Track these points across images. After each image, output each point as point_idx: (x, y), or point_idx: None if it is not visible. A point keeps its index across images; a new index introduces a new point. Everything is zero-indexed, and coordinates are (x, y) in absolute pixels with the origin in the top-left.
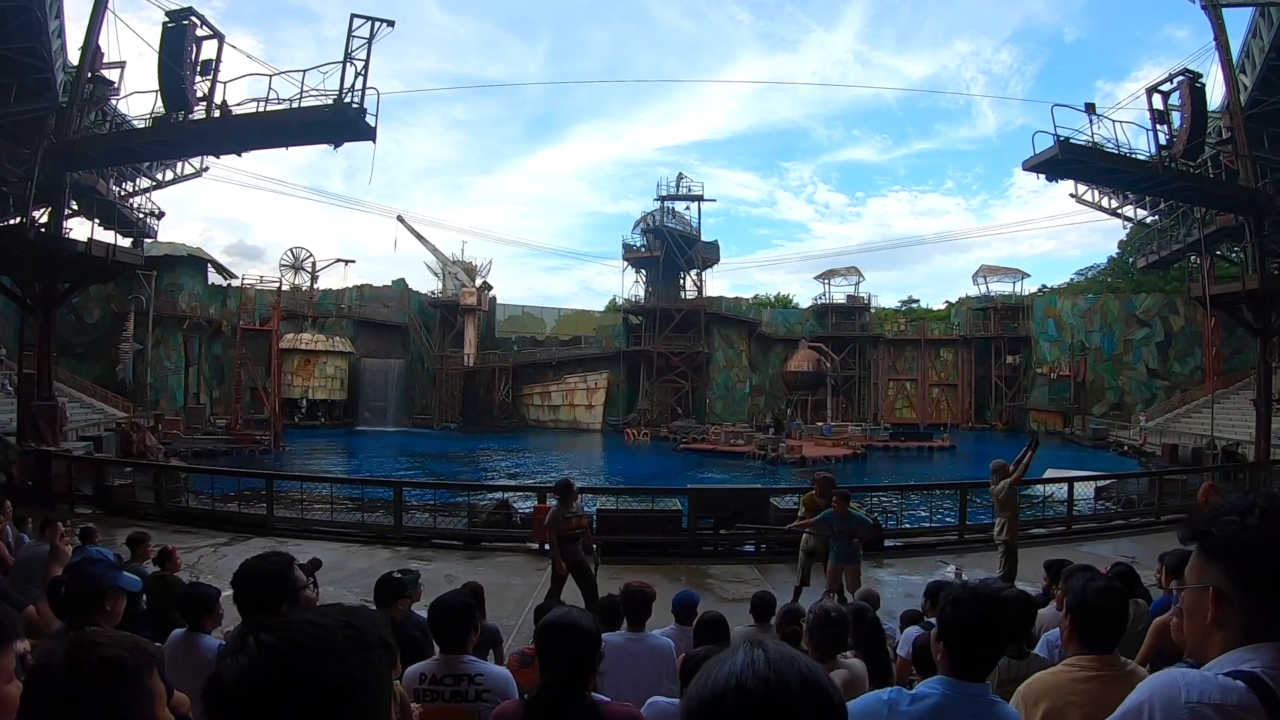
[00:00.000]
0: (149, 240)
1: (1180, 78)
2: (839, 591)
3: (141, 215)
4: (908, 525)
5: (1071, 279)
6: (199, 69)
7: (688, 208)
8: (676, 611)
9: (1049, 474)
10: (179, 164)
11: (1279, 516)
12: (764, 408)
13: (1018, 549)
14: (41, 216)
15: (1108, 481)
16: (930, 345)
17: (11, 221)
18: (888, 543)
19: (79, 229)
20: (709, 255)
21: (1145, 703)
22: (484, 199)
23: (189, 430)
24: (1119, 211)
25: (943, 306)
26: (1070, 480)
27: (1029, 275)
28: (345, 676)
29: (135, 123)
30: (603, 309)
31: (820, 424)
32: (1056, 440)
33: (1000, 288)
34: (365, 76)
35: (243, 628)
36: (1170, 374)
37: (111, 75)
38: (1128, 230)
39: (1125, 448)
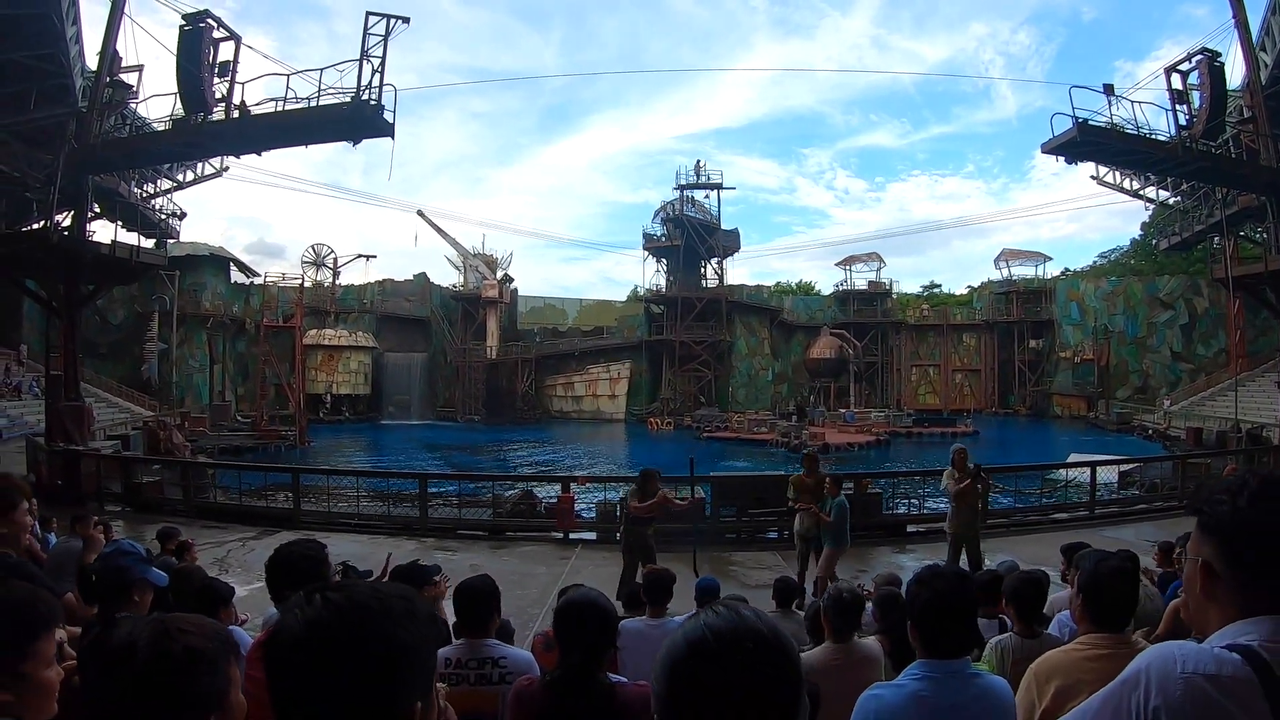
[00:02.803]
0: (171, 241)
1: (1199, 57)
2: (833, 577)
3: (163, 216)
4: (929, 511)
5: (1094, 262)
6: (217, 70)
7: (707, 196)
8: (699, 597)
9: (1072, 458)
10: (199, 165)
11: (1269, 498)
12: (786, 395)
13: (978, 538)
14: (64, 220)
15: (1131, 465)
16: (952, 330)
17: (35, 226)
18: (910, 529)
19: (102, 231)
20: (729, 243)
21: (1142, 671)
22: (502, 191)
23: (215, 427)
24: (1140, 193)
25: (964, 291)
26: (1093, 464)
27: (1051, 259)
28: (400, 640)
29: (155, 125)
30: (624, 299)
31: (843, 411)
32: (1080, 424)
33: (1022, 271)
34: (382, 73)
35: (308, 589)
36: (1194, 357)
37: (130, 79)
38: (1149, 212)
39: (1149, 431)
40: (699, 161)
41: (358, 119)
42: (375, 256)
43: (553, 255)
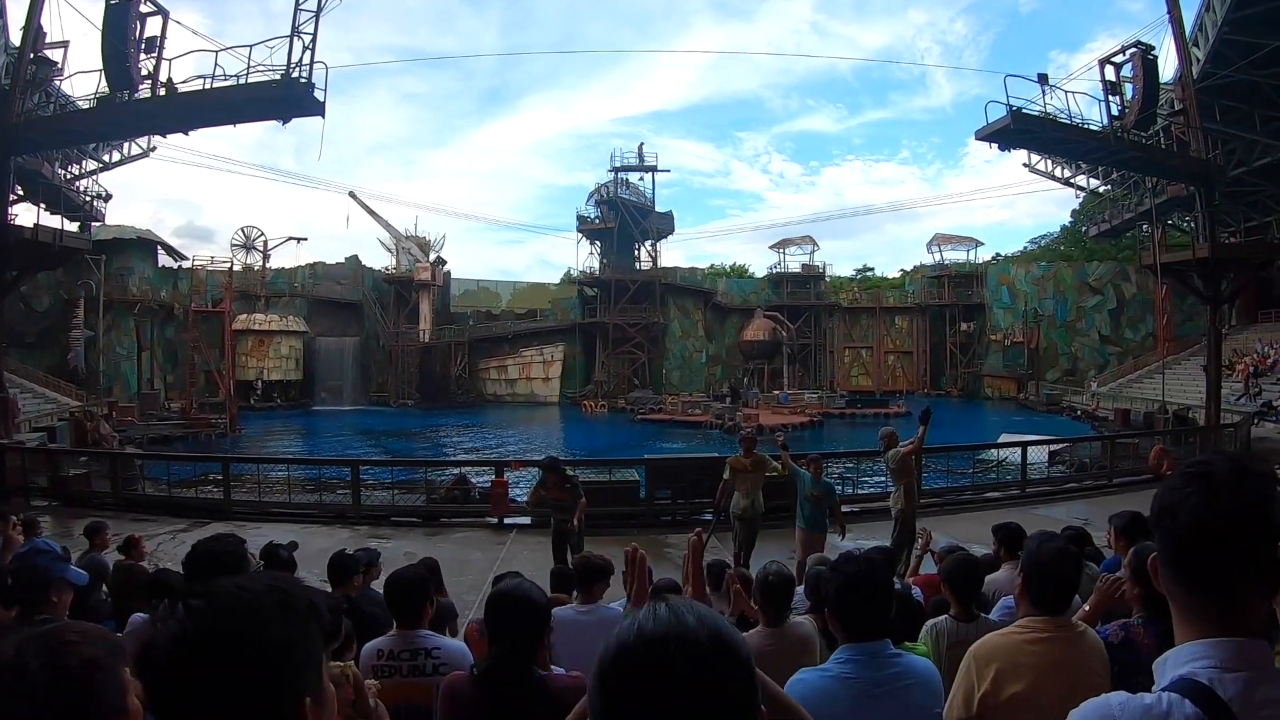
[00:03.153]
0: (97, 224)
1: (1133, 49)
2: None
3: (88, 198)
4: (864, 492)
5: (1025, 247)
6: (144, 46)
7: (641, 178)
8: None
9: (1003, 438)
10: (126, 145)
11: (1214, 490)
12: (720, 377)
13: (914, 519)
14: None
15: (1061, 445)
16: (885, 313)
17: None
18: (844, 509)
19: (24, 215)
20: (663, 226)
21: None
22: (437, 173)
23: (143, 417)
24: (1071, 181)
25: (897, 275)
26: (1024, 444)
27: (983, 244)
28: (272, 638)
29: (80, 104)
30: (558, 282)
31: (777, 392)
32: (1011, 405)
33: (954, 256)
34: (313, 51)
35: (172, 599)
36: (1122, 340)
37: (55, 55)
38: (1080, 199)
39: (1078, 412)
40: (641, 145)
41: (288, 97)
42: (306, 239)
43: (489, 238)
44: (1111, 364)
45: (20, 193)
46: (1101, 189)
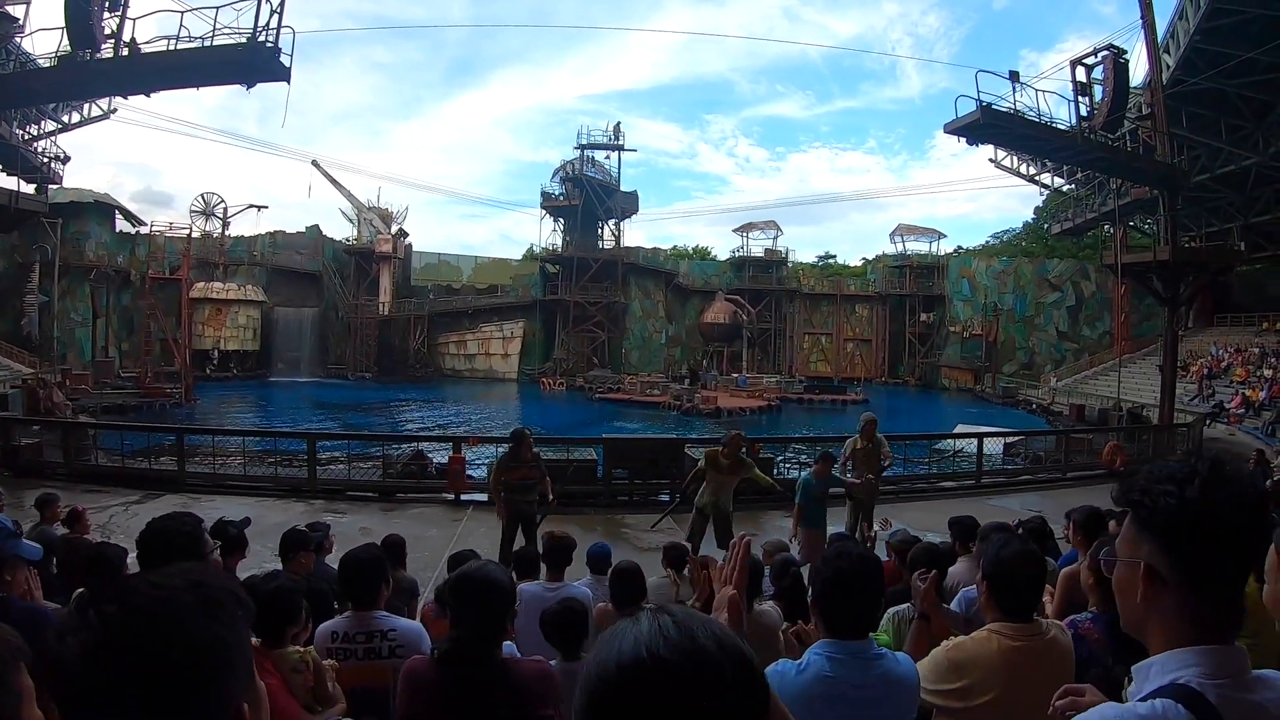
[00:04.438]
0: (54, 186)
1: (1105, 52)
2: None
3: (46, 160)
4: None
5: (987, 241)
6: (107, 5)
7: (608, 157)
8: (591, 562)
9: (959, 429)
10: (86, 106)
11: (1222, 488)
12: (680, 359)
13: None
14: None
15: (1016, 438)
16: (846, 301)
17: None
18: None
19: None
20: (628, 205)
21: None
22: (402, 145)
23: (98, 385)
24: (1036, 178)
25: (859, 263)
26: (980, 435)
27: (945, 236)
28: (196, 642)
29: (40, 62)
30: (520, 258)
31: (735, 375)
32: (967, 397)
33: (917, 247)
34: (280, 14)
35: (79, 600)
36: (1079, 337)
37: (16, 12)
38: (1044, 197)
39: (1034, 406)
40: (617, 124)
41: (253, 61)
42: (267, 207)
43: (453, 212)
44: (1068, 360)
45: None
46: (1066, 188)
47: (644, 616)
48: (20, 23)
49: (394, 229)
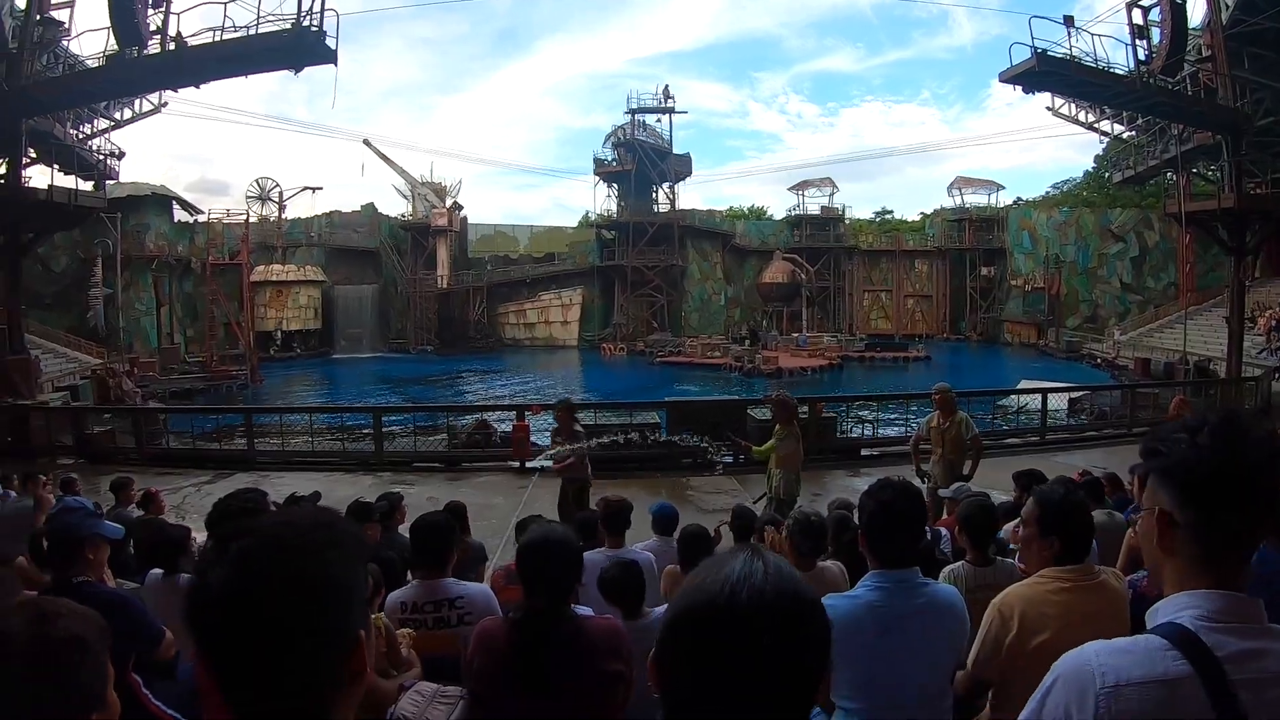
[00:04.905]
0: (111, 181)
1: None
2: None
3: (101, 157)
4: (884, 435)
5: (1047, 192)
6: (151, 1)
7: (659, 120)
8: (656, 524)
9: (1022, 385)
10: (137, 102)
11: (1232, 435)
12: (739, 320)
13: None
14: None
15: (1081, 394)
16: (905, 256)
17: None
18: (864, 452)
19: (38, 177)
20: (681, 168)
21: (1053, 688)
22: (452, 119)
23: (165, 371)
24: (1095, 126)
25: (917, 218)
26: (1044, 391)
27: (1004, 187)
28: (323, 572)
29: (89, 63)
30: (575, 225)
31: (796, 335)
32: (1030, 352)
33: (975, 200)
34: None
35: (219, 536)
36: (1144, 289)
37: (61, 15)
38: (1104, 145)
39: (1098, 360)
40: (665, 86)
41: (299, 46)
42: (321, 188)
43: (505, 182)
44: (1133, 312)
45: (33, 155)
46: (1126, 135)
47: (742, 556)
48: (66, 26)
49: (448, 202)
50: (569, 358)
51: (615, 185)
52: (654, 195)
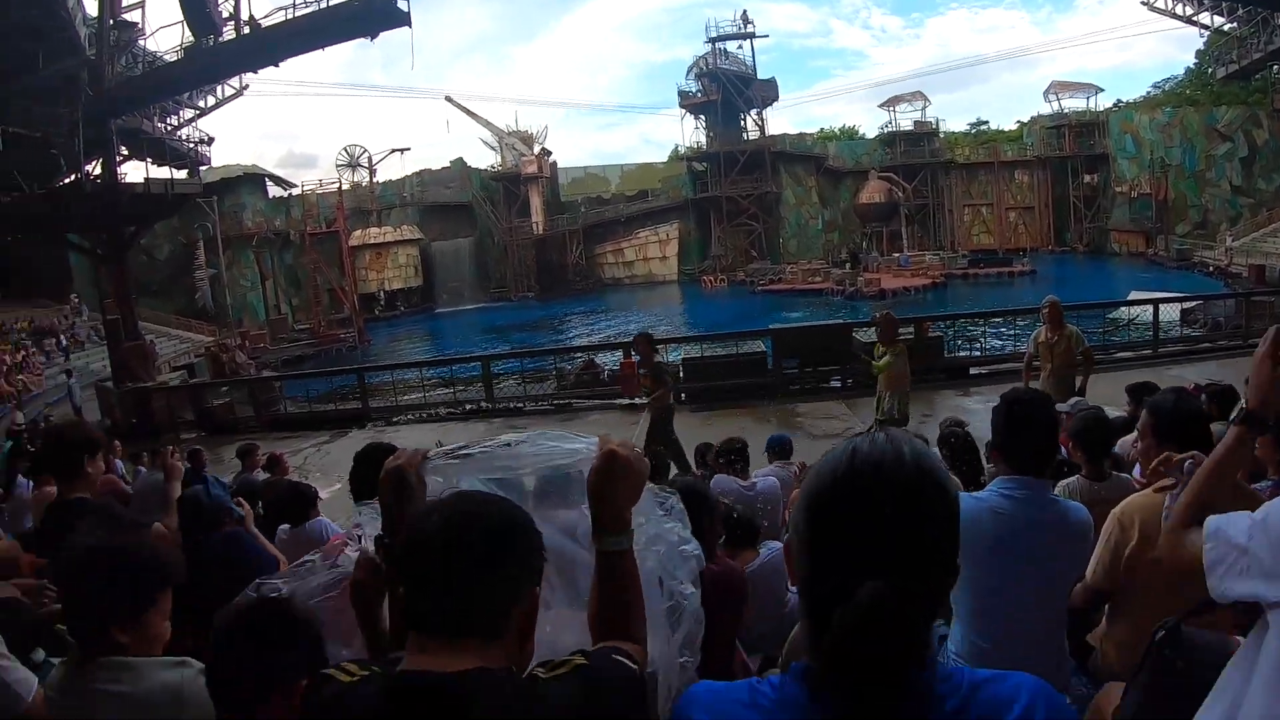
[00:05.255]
0: (204, 167)
1: None
2: None
3: (191, 145)
4: (992, 352)
5: (1148, 92)
6: None
7: (739, 47)
8: (772, 450)
9: (1133, 296)
10: (219, 88)
11: None
12: (838, 243)
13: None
14: (94, 168)
15: (1193, 303)
16: (1004, 168)
17: (67, 180)
18: (973, 371)
19: (133, 172)
20: (767, 93)
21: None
22: (530, 66)
23: (275, 341)
24: (1194, 19)
25: (1014, 127)
26: (1155, 301)
27: (1102, 90)
28: (515, 524)
29: (167, 57)
30: (665, 160)
31: (897, 255)
32: (1139, 261)
33: (1073, 104)
34: None
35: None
36: (1255, 191)
37: (133, 17)
38: (1204, 39)
39: (1210, 269)
40: (744, 11)
41: (371, 12)
42: (409, 149)
43: (591, 124)
44: (1244, 216)
45: (125, 152)
46: (1227, 27)
47: (866, 435)
48: (139, 26)
49: (536, 149)
50: (670, 293)
51: (702, 116)
52: (742, 123)
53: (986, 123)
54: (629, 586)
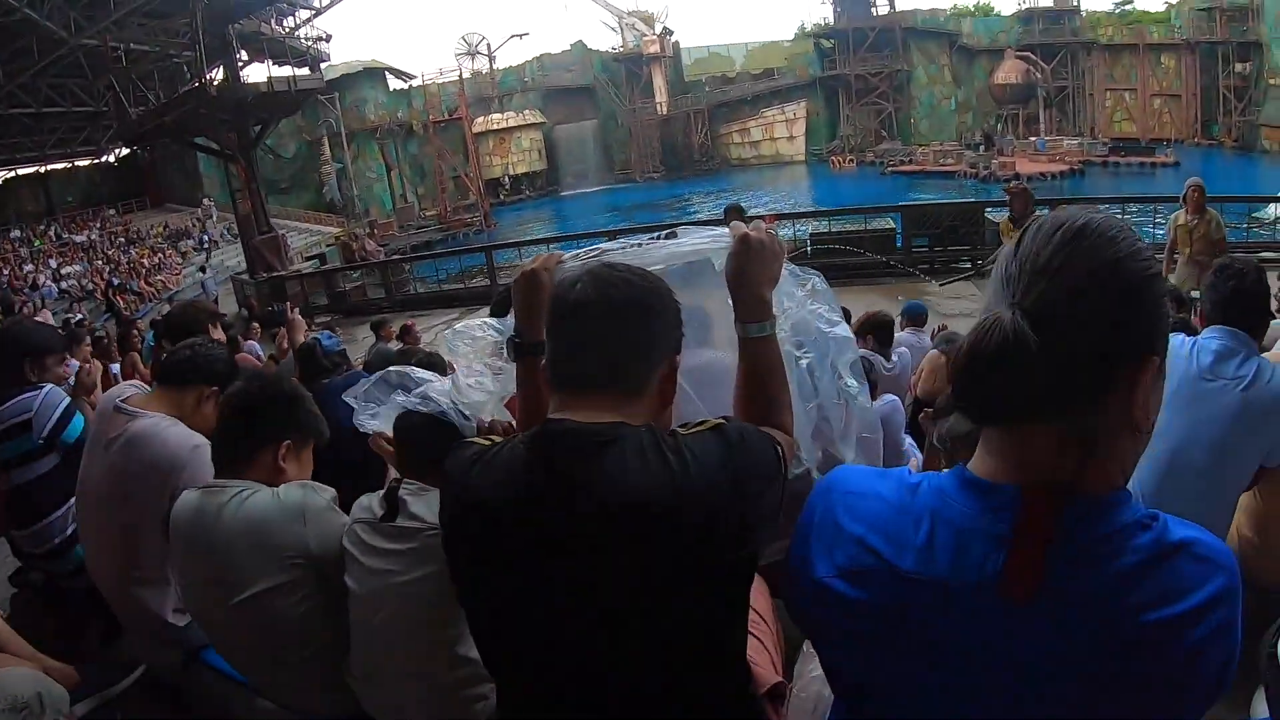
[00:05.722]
0: (325, 64)
1: None
2: None
3: (310, 43)
4: None
5: None
6: None
7: None
8: (908, 317)
9: None
10: None
11: None
12: (972, 125)
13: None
14: (216, 74)
15: None
16: (1149, 51)
17: (192, 87)
18: None
19: (256, 75)
20: None
21: None
22: None
23: (403, 229)
24: None
25: (1162, 8)
26: None
27: None
28: (656, 290)
29: None
30: (791, 38)
31: (1033, 139)
32: None
33: None
34: None
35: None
36: None
37: None
38: None
39: None
40: None
41: None
42: (528, 34)
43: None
44: None
45: (245, 56)
46: None
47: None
48: None
49: (658, 29)
50: (797, 173)
51: None
52: None
53: (1132, 2)
54: (775, 374)
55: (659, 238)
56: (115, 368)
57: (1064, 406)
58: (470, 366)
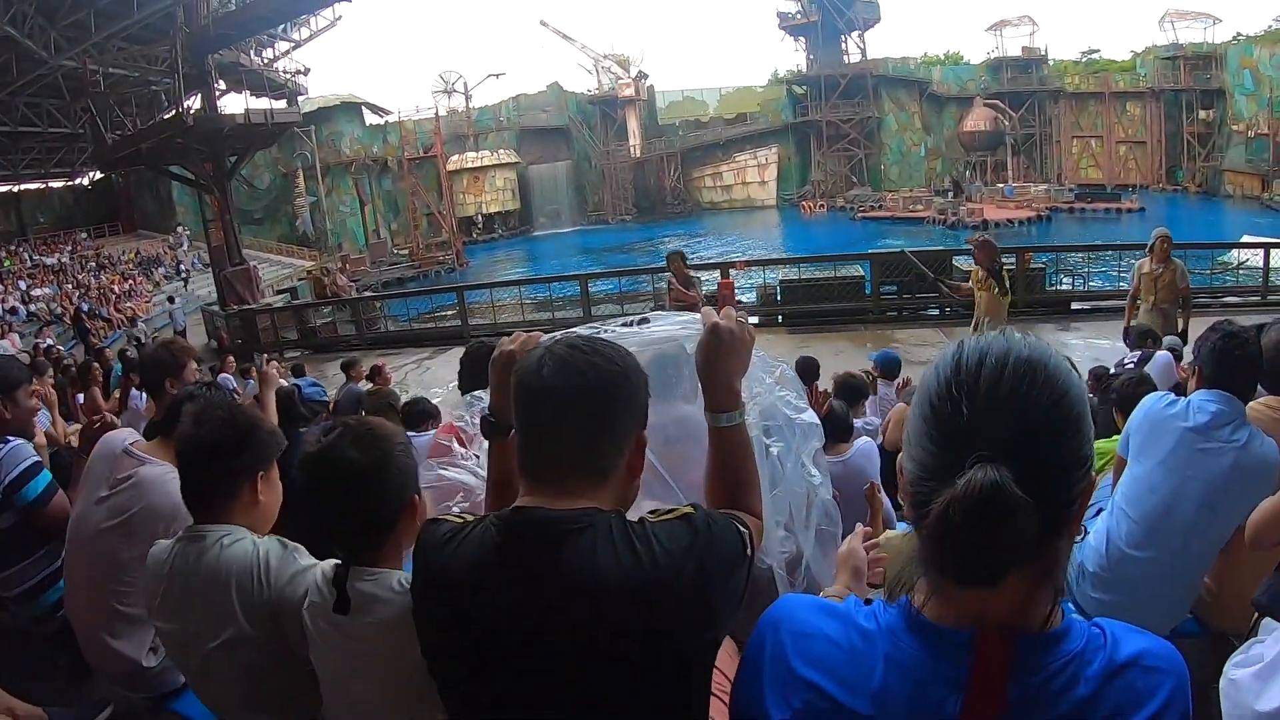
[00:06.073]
0: (302, 97)
1: None
2: None
3: (288, 76)
4: (1095, 289)
5: (1270, 26)
6: None
7: None
8: (881, 367)
9: (1245, 239)
10: (312, 20)
11: None
12: (941, 171)
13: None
14: (194, 103)
15: None
16: (1115, 99)
17: (169, 115)
18: (1075, 306)
19: (233, 105)
20: (868, 14)
21: None
22: None
23: (375, 264)
24: None
25: (1127, 57)
26: (1267, 245)
27: (1221, 20)
28: (622, 368)
29: None
30: (765, 84)
31: (1001, 185)
32: (1254, 205)
33: (1189, 35)
34: None
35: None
36: None
37: None
38: None
39: None
40: None
41: None
42: (505, 74)
43: (688, 47)
44: None
45: (224, 86)
46: None
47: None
48: None
49: (633, 72)
50: (768, 217)
51: (802, 38)
52: (843, 46)
53: (1098, 51)
54: (745, 459)
55: (633, 323)
56: (81, 398)
57: (1045, 549)
58: None
